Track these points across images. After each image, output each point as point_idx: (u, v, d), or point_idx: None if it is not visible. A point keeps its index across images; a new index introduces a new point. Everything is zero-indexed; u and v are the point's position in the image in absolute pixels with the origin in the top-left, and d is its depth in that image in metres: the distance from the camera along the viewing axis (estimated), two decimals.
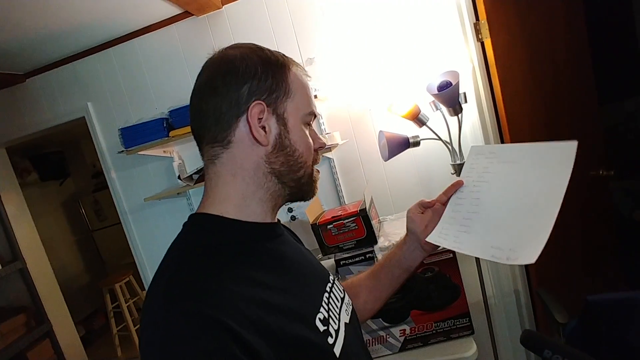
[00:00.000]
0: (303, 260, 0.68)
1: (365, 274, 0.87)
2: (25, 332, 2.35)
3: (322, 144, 0.66)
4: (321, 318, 0.58)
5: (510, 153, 0.77)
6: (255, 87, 0.58)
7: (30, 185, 3.91)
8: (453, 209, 0.79)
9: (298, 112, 0.61)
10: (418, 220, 0.79)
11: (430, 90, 1.55)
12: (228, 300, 0.46)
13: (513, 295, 1.95)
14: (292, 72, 0.61)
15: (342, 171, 1.99)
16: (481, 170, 0.78)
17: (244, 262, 0.55)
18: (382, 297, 0.84)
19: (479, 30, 1.78)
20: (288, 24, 1.93)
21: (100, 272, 4.50)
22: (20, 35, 1.77)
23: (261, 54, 0.60)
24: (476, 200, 0.76)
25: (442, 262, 1.44)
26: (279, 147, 0.59)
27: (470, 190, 0.78)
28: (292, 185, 0.62)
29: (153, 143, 1.82)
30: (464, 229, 0.74)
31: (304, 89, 0.63)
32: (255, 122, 0.57)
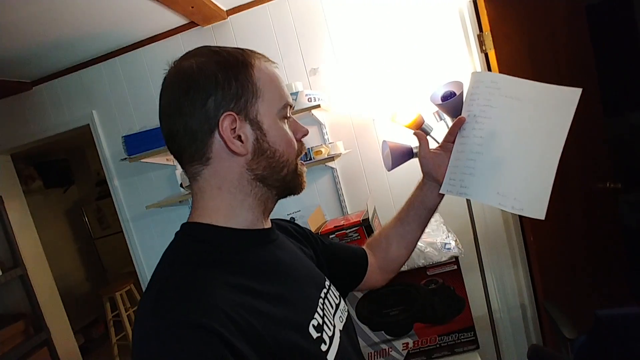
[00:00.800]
0: (298, 265, 0.67)
1: (390, 224, 0.88)
2: (23, 340, 2.32)
3: (304, 132, 0.64)
4: (315, 324, 0.57)
5: (514, 87, 0.72)
6: (221, 98, 0.54)
7: (34, 192, 3.93)
8: (458, 149, 0.75)
9: (272, 109, 0.58)
10: (430, 161, 0.79)
11: (434, 100, 1.53)
12: (217, 307, 0.46)
13: (519, 309, 1.91)
14: (256, 67, 0.58)
15: (345, 181, 1.97)
16: (483, 103, 0.73)
17: (235, 269, 0.54)
18: (413, 242, 0.87)
19: (483, 41, 1.78)
20: (292, 35, 1.94)
21: (101, 280, 4.48)
22: (28, 43, 1.79)
23: (218, 59, 0.56)
24: (479, 139, 0.72)
25: (446, 274, 1.41)
26: (258, 152, 0.57)
27: (473, 127, 0.74)
28: (277, 185, 0.61)
29: (155, 151, 1.82)
30: (469, 171, 0.71)
31: (272, 82, 0.59)
32: (228, 135, 0.55)
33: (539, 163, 0.67)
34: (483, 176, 0.70)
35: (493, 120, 0.71)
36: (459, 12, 1.79)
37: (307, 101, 1.70)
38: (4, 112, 2.28)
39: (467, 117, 0.75)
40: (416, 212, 0.84)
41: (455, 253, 1.38)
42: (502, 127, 0.70)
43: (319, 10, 1.90)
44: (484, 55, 1.81)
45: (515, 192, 0.66)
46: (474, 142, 0.73)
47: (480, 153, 0.71)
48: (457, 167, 0.74)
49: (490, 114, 0.72)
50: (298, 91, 1.73)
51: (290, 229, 0.79)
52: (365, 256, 0.87)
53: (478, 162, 0.71)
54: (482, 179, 0.70)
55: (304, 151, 0.65)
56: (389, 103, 1.86)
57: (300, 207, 1.98)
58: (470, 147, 0.73)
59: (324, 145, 1.75)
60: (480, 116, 0.73)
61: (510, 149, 0.69)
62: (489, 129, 0.71)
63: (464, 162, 0.73)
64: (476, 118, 0.73)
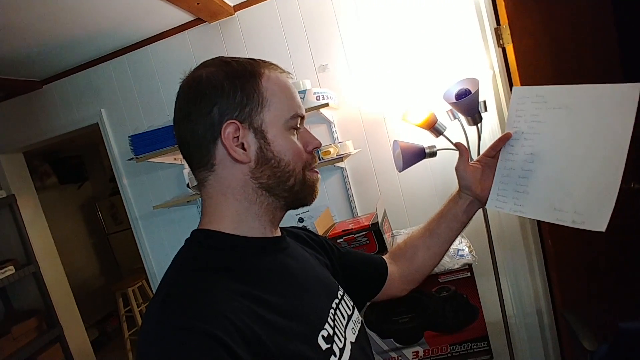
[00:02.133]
0: (309, 274, 0.65)
1: (419, 234, 0.87)
2: (37, 336, 2.36)
3: (316, 145, 0.63)
4: (325, 335, 0.56)
5: (561, 96, 0.69)
6: (225, 106, 0.56)
7: (49, 189, 3.99)
8: (505, 165, 0.74)
9: (278, 119, 0.58)
10: (470, 175, 0.77)
11: (447, 99, 1.48)
12: (221, 315, 0.46)
13: (535, 316, 1.83)
14: (266, 77, 0.58)
15: (354, 181, 1.92)
16: (530, 119, 0.71)
17: (241, 277, 0.54)
18: (440, 253, 0.85)
19: (500, 35, 1.69)
20: (301, 31, 1.89)
21: (115, 275, 4.55)
22: (37, 43, 1.79)
23: (227, 69, 0.57)
24: (530, 156, 0.70)
25: (459, 281, 1.36)
26: (262, 161, 0.58)
27: (522, 144, 0.72)
28: (285, 195, 0.60)
29: (162, 151, 1.80)
30: (522, 189, 0.70)
31: (283, 92, 0.59)
32: (230, 143, 0.56)
33: (601, 170, 0.63)
34: (538, 194, 0.69)
35: (542, 135, 0.70)
36: (475, 4, 1.71)
37: (316, 100, 1.65)
38: (16, 111, 2.29)
39: (514, 134, 0.73)
40: (448, 224, 0.82)
41: (469, 260, 1.32)
42: (554, 142, 0.68)
43: (328, 5, 1.84)
44: (501, 50, 1.72)
45: (574, 205, 0.64)
46: (525, 160, 0.71)
47: (532, 171, 0.70)
48: (507, 185, 0.73)
49: (539, 129, 0.70)
50: (306, 89, 1.67)
51: (304, 236, 0.78)
52: (385, 266, 0.84)
53: (531, 179, 0.70)
54: (536, 197, 0.69)
55: (315, 162, 0.64)
56: (400, 101, 1.80)
57: (309, 207, 1.93)
58: (521, 164, 0.72)
59: (333, 145, 1.70)
60: (528, 132, 0.71)
61: (565, 161, 0.67)
62: (539, 145, 0.70)
63: (515, 179, 0.72)
64: (524, 135, 0.72)
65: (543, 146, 0.69)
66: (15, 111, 2.30)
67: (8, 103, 2.29)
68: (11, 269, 2.27)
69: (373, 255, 0.88)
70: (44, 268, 2.48)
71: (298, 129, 0.62)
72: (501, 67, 1.72)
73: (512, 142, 0.73)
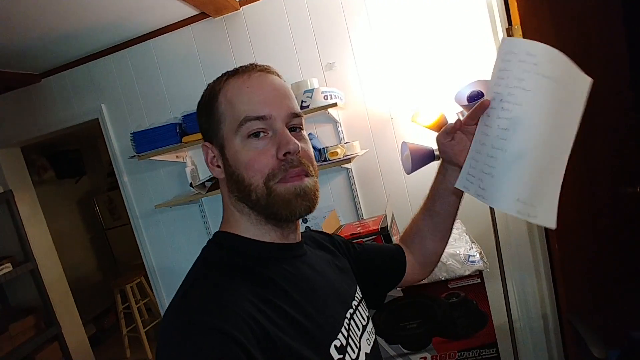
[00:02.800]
0: (324, 283, 0.64)
1: (419, 217, 0.83)
2: (35, 334, 2.33)
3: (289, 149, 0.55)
4: (337, 345, 0.56)
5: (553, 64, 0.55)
6: (203, 131, 0.63)
7: (46, 183, 3.93)
8: (479, 139, 0.61)
9: (232, 130, 0.57)
10: (448, 147, 0.68)
11: (459, 101, 1.44)
12: (237, 315, 0.47)
13: (541, 320, 1.82)
14: (224, 91, 0.59)
15: (360, 183, 1.89)
16: (513, 83, 0.56)
17: (258, 281, 0.55)
18: (447, 230, 0.82)
19: (512, 35, 1.66)
20: (308, 27, 1.84)
21: (112, 270, 4.51)
22: (36, 35, 1.74)
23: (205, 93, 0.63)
24: (502, 132, 0.57)
25: (469, 287, 1.33)
26: (228, 177, 0.60)
27: (497, 114, 0.58)
28: (257, 209, 0.58)
29: (165, 149, 1.76)
30: (489, 170, 0.59)
31: (234, 99, 0.57)
32: (209, 164, 0.62)
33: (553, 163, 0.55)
34: (503, 179, 0.57)
35: (523, 107, 0.56)
36: (487, 4, 1.67)
37: (324, 99, 1.61)
38: (13, 104, 2.24)
39: (492, 101, 0.59)
40: (443, 200, 0.78)
41: (480, 267, 1.29)
42: (531, 117, 0.56)
43: (336, 2, 1.80)
44: None
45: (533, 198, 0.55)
46: (497, 135, 0.58)
47: (501, 149, 0.57)
48: (477, 162, 0.61)
49: (521, 98, 0.56)
50: (314, 88, 1.64)
51: (322, 241, 0.77)
52: (403, 253, 0.84)
53: (499, 160, 0.57)
54: (501, 182, 0.57)
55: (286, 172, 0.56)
56: (409, 101, 1.77)
57: None
58: (493, 140, 0.58)
59: (339, 146, 1.66)
60: (507, 101, 0.57)
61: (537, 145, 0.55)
62: (515, 118, 0.56)
63: (484, 157, 0.60)
64: (502, 103, 0.58)
65: (518, 120, 0.56)
66: (13, 105, 2.24)
67: (6, 96, 2.24)
68: (8, 266, 2.23)
69: (390, 245, 0.87)
70: (42, 265, 2.44)
71: (259, 135, 0.56)
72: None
73: (489, 112, 0.59)
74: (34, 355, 2.28)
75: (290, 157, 0.55)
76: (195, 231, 2.08)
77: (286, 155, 0.55)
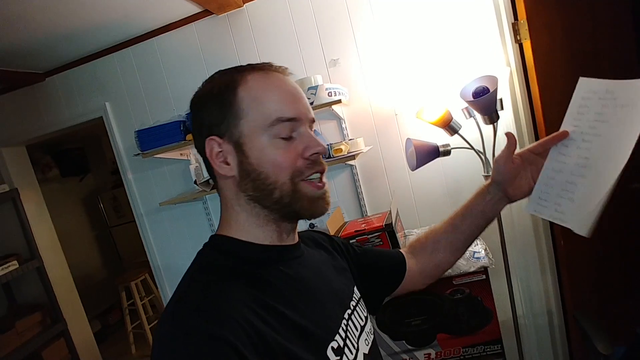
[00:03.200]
0: (322, 284, 0.64)
1: (442, 228, 0.82)
2: (41, 331, 2.35)
3: (317, 150, 0.57)
4: (335, 347, 0.55)
5: (629, 91, 0.58)
6: (208, 123, 0.58)
7: (51, 181, 3.95)
8: (554, 166, 0.65)
9: (257, 129, 0.56)
10: (507, 171, 0.70)
11: (464, 97, 1.44)
12: (232, 319, 0.46)
13: (545, 316, 1.82)
14: (244, 87, 0.56)
15: (364, 180, 1.89)
16: (593, 117, 0.61)
17: (254, 284, 0.54)
18: (462, 250, 0.82)
19: (518, 30, 1.65)
20: (311, 23, 1.84)
21: (117, 268, 4.53)
22: (40, 34, 1.74)
23: (210, 85, 0.59)
24: (584, 160, 0.61)
25: (474, 284, 1.33)
26: (243, 174, 0.57)
27: (578, 145, 0.62)
28: (275, 208, 0.58)
29: (169, 146, 1.76)
30: (568, 195, 0.61)
31: (262, 98, 0.56)
32: (214, 159, 0.58)
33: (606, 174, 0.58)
34: (584, 204, 0.59)
35: (604, 138, 0.59)
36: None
37: (328, 96, 1.61)
38: (18, 103, 2.25)
39: (572, 133, 0.63)
40: (473, 220, 0.77)
41: (485, 263, 1.29)
42: (615, 145, 0.58)
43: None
44: (519, 46, 1.68)
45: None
46: (577, 164, 0.62)
47: (584, 177, 0.60)
48: (551, 187, 0.65)
49: (602, 130, 0.60)
50: (317, 85, 1.63)
51: (321, 241, 0.77)
52: (403, 260, 0.82)
53: (580, 186, 0.61)
54: (583, 207, 0.60)
55: (313, 172, 0.58)
56: (413, 97, 1.76)
57: None
58: (572, 168, 0.62)
59: (344, 143, 1.66)
60: (589, 133, 0.61)
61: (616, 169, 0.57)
62: (598, 149, 0.60)
63: (560, 183, 0.63)
64: (583, 135, 0.62)
65: (602, 150, 0.59)
66: (18, 104, 2.25)
67: (10, 95, 2.25)
68: (15, 263, 2.25)
69: (390, 250, 0.86)
70: (48, 263, 2.45)
71: (289, 137, 0.57)
72: (518, 63, 1.67)
73: (566, 142, 0.63)
74: (40, 352, 2.30)
75: (315, 157, 0.58)
76: (200, 229, 2.08)
77: (312, 156, 0.57)
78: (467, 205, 0.78)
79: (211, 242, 0.61)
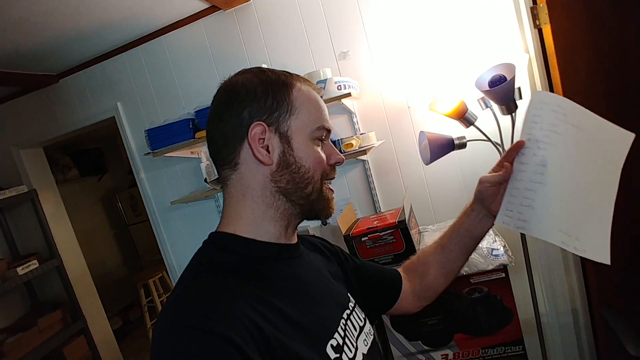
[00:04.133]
0: (320, 284, 0.66)
1: (431, 249, 0.84)
2: (62, 328, 2.40)
3: (338, 160, 0.64)
4: (334, 345, 0.56)
5: (579, 116, 0.65)
6: (256, 109, 0.58)
7: (70, 182, 4.04)
8: (515, 176, 0.68)
9: (304, 128, 0.60)
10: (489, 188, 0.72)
11: (480, 86, 1.37)
12: (233, 316, 0.46)
13: (570, 315, 1.73)
14: (297, 89, 0.61)
15: (377, 175, 1.84)
16: (547, 127, 0.66)
17: (254, 281, 0.55)
18: (454, 270, 0.82)
19: (537, 15, 1.56)
20: (320, 15, 1.79)
21: (136, 265, 4.62)
22: (51, 35, 1.75)
23: (262, 76, 0.61)
24: (540, 167, 0.65)
25: (493, 282, 1.27)
26: (283, 165, 0.59)
27: (534, 152, 0.66)
28: (301, 203, 0.61)
29: (179, 145, 1.75)
30: (528, 202, 0.66)
31: (311, 104, 0.62)
32: (256, 143, 0.58)
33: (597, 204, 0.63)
34: (544, 210, 0.64)
35: (557, 147, 0.65)
36: None
37: (337, 89, 1.56)
38: (34, 105, 2.29)
39: (528, 142, 0.67)
40: (460, 239, 0.79)
41: (504, 261, 1.23)
42: (566, 157, 0.65)
43: None
44: (537, 31, 1.59)
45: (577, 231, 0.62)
46: (535, 171, 0.66)
47: (541, 183, 0.65)
48: (514, 197, 0.68)
49: (555, 140, 0.65)
50: (327, 78, 1.59)
51: (319, 245, 0.78)
52: (400, 280, 0.83)
53: (539, 193, 0.65)
54: (543, 213, 0.64)
55: (334, 176, 0.65)
56: (426, 88, 1.70)
57: None
58: (530, 175, 0.66)
59: (355, 137, 1.61)
60: (543, 141, 0.66)
61: (573, 183, 0.64)
62: (552, 157, 0.65)
63: (522, 191, 0.67)
64: (538, 143, 0.66)
65: (555, 159, 0.64)
66: (34, 106, 2.29)
67: (26, 98, 2.29)
68: (35, 263, 2.30)
69: (389, 269, 0.86)
70: (67, 262, 2.50)
71: (323, 141, 0.63)
72: (537, 50, 1.58)
73: (524, 151, 0.67)
74: (61, 349, 2.35)
75: (336, 165, 0.65)
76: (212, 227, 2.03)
77: (334, 164, 0.64)
78: (454, 225, 0.80)
79: (211, 240, 0.61)
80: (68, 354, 2.37)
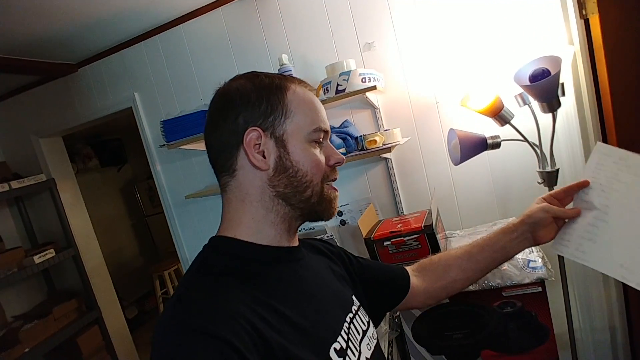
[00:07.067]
0: (323, 286, 0.66)
1: (457, 253, 0.84)
2: (76, 318, 2.41)
3: (338, 160, 0.64)
4: (337, 348, 0.56)
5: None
6: (250, 115, 0.59)
7: (91, 171, 4.09)
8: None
9: (300, 131, 0.60)
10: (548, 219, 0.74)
11: (519, 81, 1.25)
12: (232, 319, 0.46)
13: (607, 332, 1.60)
14: (291, 91, 0.61)
15: (400, 174, 1.73)
16: (610, 176, 0.72)
17: (255, 284, 0.55)
18: (474, 278, 0.83)
19: (584, 4, 1.42)
20: (344, 4, 1.69)
21: (153, 256, 4.66)
22: (71, 22, 1.72)
23: (256, 81, 0.61)
24: (605, 207, 0.71)
25: (528, 297, 1.16)
26: (280, 169, 0.59)
27: (598, 194, 0.72)
28: (301, 206, 0.61)
29: (194, 137, 1.69)
30: (590, 237, 0.70)
31: (307, 106, 0.61)
32: (251, 149, 0.58)
33: None
34: (606, 245, 0.69)
35: (621, 193, 0.70)
36: None
37: (361, 82, 1.47)
38: (53, 95, 2.28)
39: (592, 184, 0.73)
40: (492, 254, 0.80)
41: (542, 275, 1.12)
42: (631, 202, 0.70)
43: None
44: (584, 22, 1.45)
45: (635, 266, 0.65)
46: (599, 210, 0.71)
47: (605, 222, 0.70)
48: (573, 229, 0.73)
49: (618, 187, 0.71)
50: (350, 70, 1.49)
51: (321, 247, 0.78)
52: (407, 277, 0.83)
53: (602, 229, 0.70)
54: (604, 248, 0.69)
55: (335, 177, 0.65)
56: (457, 83, 1.58)
57: (349, 200, 1.78)
58: (594, 213, 0.72)
59: (378, 134, 1.52)
60: (607, 186, 0.72)
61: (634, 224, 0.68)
62: (617, 201, 0.70)
63: (583, 225, 0.72)
64: (602, 187, 0.72)
65: (620, 203, 0.70)
66: (53, 95, 2.28)
67: (46, 87, 2.28)
68: (52, 251, 2.31)
69: (395, 267, 0.86)
70: (83, 252, 2.51)
71: (321, 143, 0.63)
72: (583, 42, 1.44)
73: (588, 191, 0.73)
74: (75, 338, 2.36)
75: (336, 165, 0.65)
76: None
77: (334, 165, 0.64)
78: (489, 239, 0.81)
79: (211, 244, 0.61)
80: (82, 343, 2.38)
